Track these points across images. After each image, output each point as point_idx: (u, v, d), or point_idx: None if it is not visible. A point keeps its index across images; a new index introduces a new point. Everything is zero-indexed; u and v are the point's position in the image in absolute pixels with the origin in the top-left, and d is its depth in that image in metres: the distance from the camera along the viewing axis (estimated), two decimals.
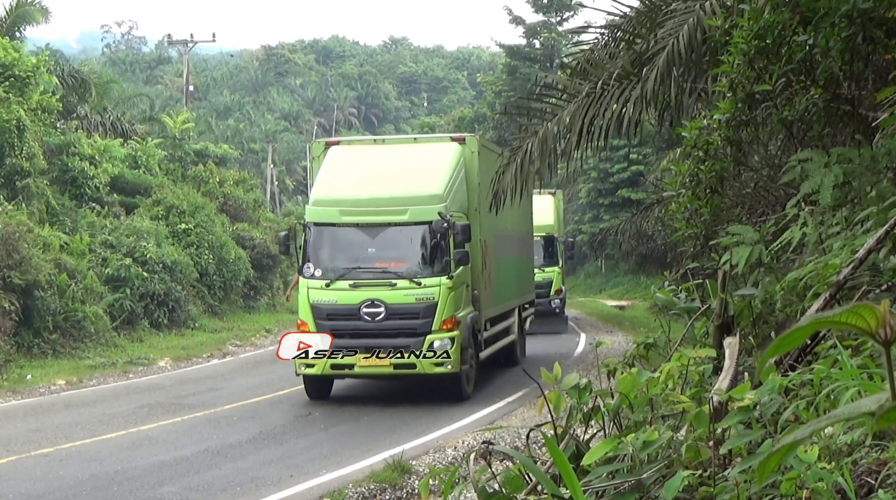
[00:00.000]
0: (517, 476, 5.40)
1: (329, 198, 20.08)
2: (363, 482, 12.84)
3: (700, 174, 10.77)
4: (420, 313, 19.27)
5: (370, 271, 19.70)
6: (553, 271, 35.41)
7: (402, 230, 19.76)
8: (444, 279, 19.38)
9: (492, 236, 22.43)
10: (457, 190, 20.46)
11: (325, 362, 19.28)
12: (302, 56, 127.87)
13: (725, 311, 6.97)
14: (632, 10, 14.34)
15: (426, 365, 19.15)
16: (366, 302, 19.24)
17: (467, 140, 21.74)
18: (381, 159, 21.36)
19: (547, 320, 34.23)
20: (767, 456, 1.98)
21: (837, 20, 8.57)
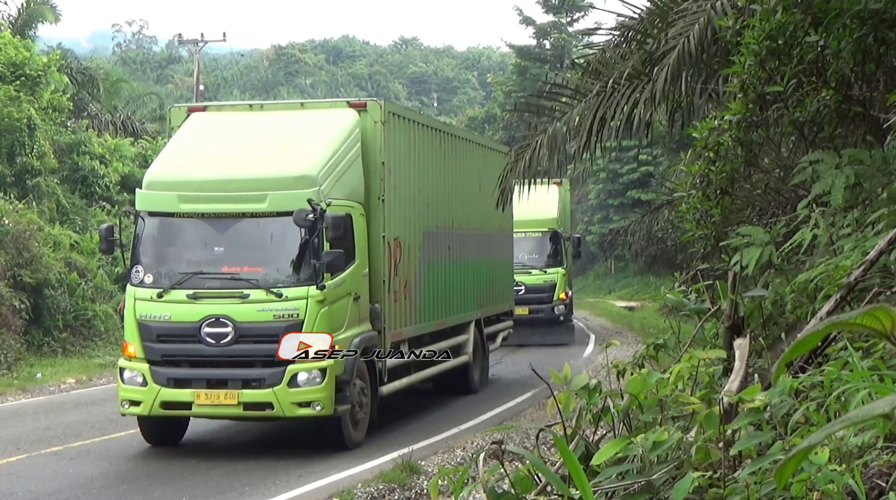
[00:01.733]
0: (526, 477, 5.39)
1: (166, 179, 15.40)
2: (372, 482, 12.84)
3: (711, 175, 10.74)
4: (280, 334, 14.63)
5: (216, 277, 15.13)
6: (556, 273, 31.53)
7: (259, 223, 15.20)
8: (313, 290, 14.64)
9: (416, 234, 18.26)
10: (344, 171, 15.74)
11: (153, 398, 14.83)
12: (312, 56, 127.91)
13: (735, 312, 6.96)
14: (643, 10, 14.32)
15: (286, 405, 14.45)
16: (208, 319, 14.66)
17: (369, 106, 16.60)
18: (250, 130, 16.66)
19: (550, 330, 31.12)
20: (784, 461, 1.97)
21: (849, 21, 8.55)
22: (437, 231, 19.48)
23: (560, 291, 31.24)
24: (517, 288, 28.73)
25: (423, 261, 18.57)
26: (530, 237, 31.10)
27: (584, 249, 63.21)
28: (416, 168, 18.50)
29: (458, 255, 20.66)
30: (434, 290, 19.09)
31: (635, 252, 34.75)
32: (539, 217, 30.16)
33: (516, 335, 28.11)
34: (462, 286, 20.82)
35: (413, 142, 18.38)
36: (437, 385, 20.39)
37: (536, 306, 30.55)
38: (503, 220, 23.79)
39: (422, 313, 18.52)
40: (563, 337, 31.22)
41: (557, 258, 31.75)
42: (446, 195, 20.23)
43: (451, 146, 20.89)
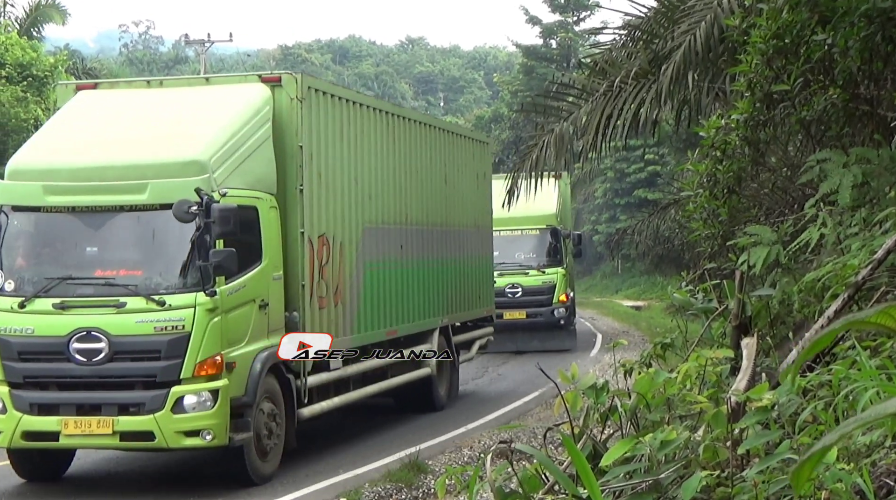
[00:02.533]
0: (534, 476, 5.40)
1: (32, 168, 13.07)
2: (379, 481, 12.84)
3: (718, 174, 10.74)
4: (162, 350, 12.38)
5: (87, 283, 12.83)
6: (556, 273, 29.16)
7: (139, 218, 12.89)
8: (202, 297, 12.43)
9: (352, 230, 15.78)
10: (247, 155, 13.49)
11: (13, 427, 12.51)
12: (319, 56, 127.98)
13: (743, 311, 6.95)
14: (649, 9, 14.33)
15: (170, 434, 12.23)
16: (78, 333, 12.37)
17: (284, 81, 14.29)
18: (142, 110, 14.30)
19: (550, 334, 28.87)
20: (800, 463, 1.97)
21: (856, 20, 8.55)
22: (384, 227, 17.02)
23: (560, 292, 28.98)
24: (513, 290, 28.25)
25: (363, 261, 16.05)
26: (527, 235, 29.45)
27: (592, 249, 63.37)
28: (352, 154, 15.95)
29: (416, 254, 18.29)
30: (379, 294, 16.62)
31: (642, 252, 34.50)
32: (536, 213, 27.51)
33: (513, 341, 27.66)
34: (421, 290, 18.35)
35: (347, 123, 15.83)
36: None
37: (534, 309, 28.65)
38: (480, 215, 22.01)
39: (361, 322, 15.95)
40: (564, 342, 28.91)
41: (557, 257, 29.45)
42: (398, 187, 17.70)
43: (405, 131, 18.22)
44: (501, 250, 27.04)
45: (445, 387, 19.43)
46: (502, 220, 26.29)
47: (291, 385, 13.84)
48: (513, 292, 28.34)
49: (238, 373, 12.69)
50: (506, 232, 27.76)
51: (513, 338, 27.84)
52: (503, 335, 26.62)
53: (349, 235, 15.70)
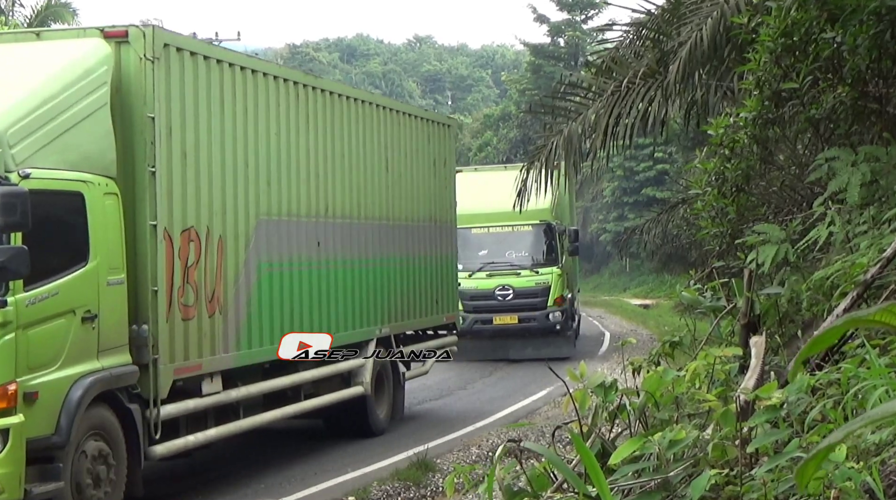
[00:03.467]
0: (543, 474, 5.40)
1: None
2: (387, 480, 12.86)
3: (726, 173, 10.73)
4: None
5: None
6: (551, 273, 26.76)
7: None
8: None
9: (239, 223, 13.19)
10: (68, 127, 10.91)
11: None
12: (326, 54, 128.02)
13: (752, 310, 6.95)
14: (657, 7, 14.31)
15: None
16: None
17: (132, 36, 11.63)
18: None
19: (545, 341, 26.32)
20: (806, 461, 1.97)
21: (865, 17, 8.53)
22: (292, 220, 14.28)
23: (555, 294, 26.60)
24: (504, 293, 26.40)
25: (257, 261, 13.42)
26: (519, 232, 26.92)
27: (600, 247, 63.33)
28: (240, 131, 13.32)
29: (342, 253, 15.57)
30: (282, 302, 13.93)
31: (650, 250, 34.31)
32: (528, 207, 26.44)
33: (504, 349, 26.46)
34: (348, 295, 15.63)
35: (232, 93, 13.20)
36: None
37: (527, 313, 26.28)
38: (440, 208, 19.35)
39: (252, 336, 13.31)
40: (560, 349, 25.99)
41: (552, 256, 27.04)
42: (314, 172, 14.93)
43: (325, 107, 15.43)
44: (490, 249, 26.62)
45: (386, 407, 16.88)
46: (491, 215, 25.90)
47: (135, 418, 11.11)
48: (503, 294, 26.46)
49: (43, 406, 9.98)
50: (495, 229, 26.77)
51: (504, 345, 26.64)
52: (494, 342, 26.38)
53: (234, 230, 13.03)
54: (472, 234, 25.96)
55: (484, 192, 26.00)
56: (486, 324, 26.41)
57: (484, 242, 26.73)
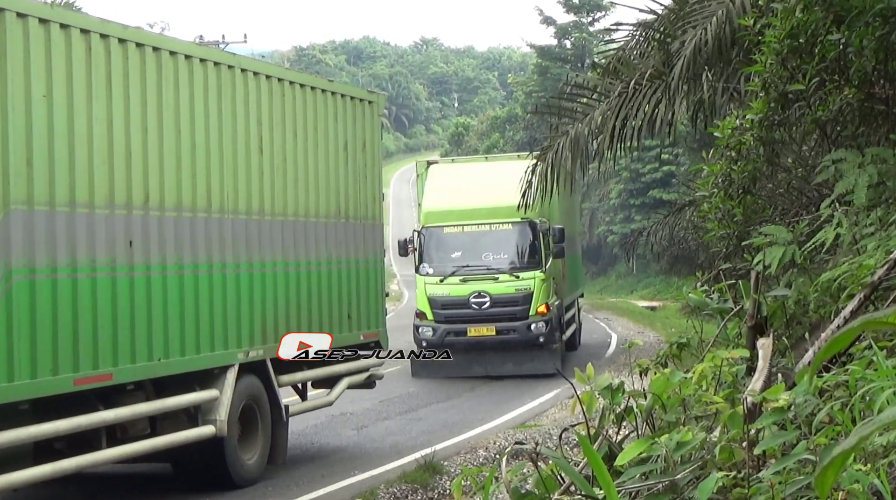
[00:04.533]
0: (550, 477, 5.39)
1: None
2: (395, 482, 12.87)
3: (733, 174, 10.73)
4: None
5: None
6: (533, 278, 23.42)
7: None
8: None
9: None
10: None
11: None
12: (333, 57, 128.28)
13: (758, 312, 6.94)
14: (664, 8, 14.31)
15: None
16: None
17: None
18: None
19: (527, 355, 23.43)
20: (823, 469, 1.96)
21: (871, 19, 8.53)
22: (76, 212, 10.99)
23: (539, 302, 23.33)
24: (479, 301, 23.26)
25: (5, 264, 10.14)
26: (497, 231, 23.73)
27: (607, 249, 63.25)
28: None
29: (176, 254, 12.36)
30: (54, 319, 10.62)
31: (657, 252, 34.30)
32: (509, 203, 20.31)
33: (481, 364, 23.35)
34: (186, 309, 12.45)
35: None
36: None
37: (506, 323, 23.17)
38: (356, 202, 15.90)
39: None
40: (545, 365, 22.83)
41: (535, 258, 23.66)
42: (121, 150, 11.61)
43: (139, 66, 11.95)
44: (465, 250, 23.68)
45: (257, 451, 13.65)
46: (466, 212, 23.67)
47: None
48: (479, 302, 23.30)
49: None
50: (471, 227, 23.74)
51: (480, 360, 23.50)
52: (469, 356, 23.14)
53: None
54: (444, 233, 23.76)
55: (461, 186, 24.64)
56: (460, 336, 23.34)
57: (457, 243, 23.92)
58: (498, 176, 23.64)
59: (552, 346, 23.66)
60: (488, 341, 23.30)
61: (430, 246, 23.94)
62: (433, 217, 23.77)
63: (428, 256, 23.85)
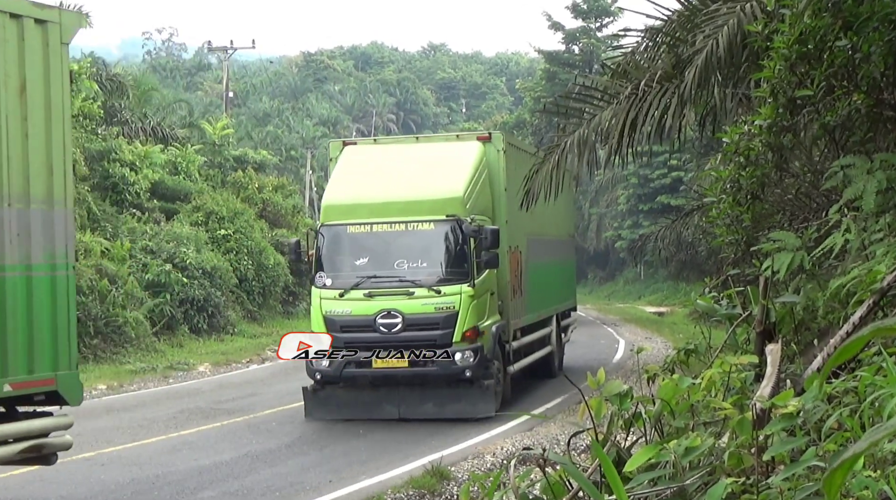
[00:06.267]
0: (558, 482, 5.39)
1: None
2: (402, 487, 12.86)
3: (741, 180, 10.72)
4: None
5: None
6: (458, 294, 18.06)
7: None
8: None
9: None
10: None
11: None
12: (341, 62, 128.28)
13: (767, 317, 6.93)
14: (672, 13, 14.31)
15: None
16: None
17: None
18: None
19: (452, 394, 18.36)
20: (831, 472, 1.96)
21: (880, 24, 8.52)
22: None
23: (466, 325, 18.04)
24: (389, 322, 17.93)
25: None
26: (414, 232, 18.51)
27: (615, 255, 63.12)
28: None
29: None
30: None
31: (665, 258, 34.27)
32: (429, 196, 18.24)
33: (392, 403, 18.42)
34: None
35: None
36: None
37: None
38: (16, 176, 10.91)
39: None
40: (474, 407, 18.13)
41: (463, 267, 18.32)
42: None
43: None
44: (373, 256, 18.51)
45: None
46: (378, 206, 18.62)
47: None
48: (388, 324, 17.94)
49: None
50: (381, 226, 18.48)
51: (392, 398, 18.42)
52: (378, 394, 18.45)
53: None
54: (347, 234, 18.57)
55: (375, 173, 19.54)
56: (363, 367, 18.06)
57: (364, 246, 18.65)
58: (425, 161, 19.63)
59: (484, 382, 18.25)
60: (399, 374, 18.10)
61: (329, 250, 18.63)
62: (334, 212, 18.74)
63: (326, 263, 18.53)
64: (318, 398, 18.61)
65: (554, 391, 20.90)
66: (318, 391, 18.58)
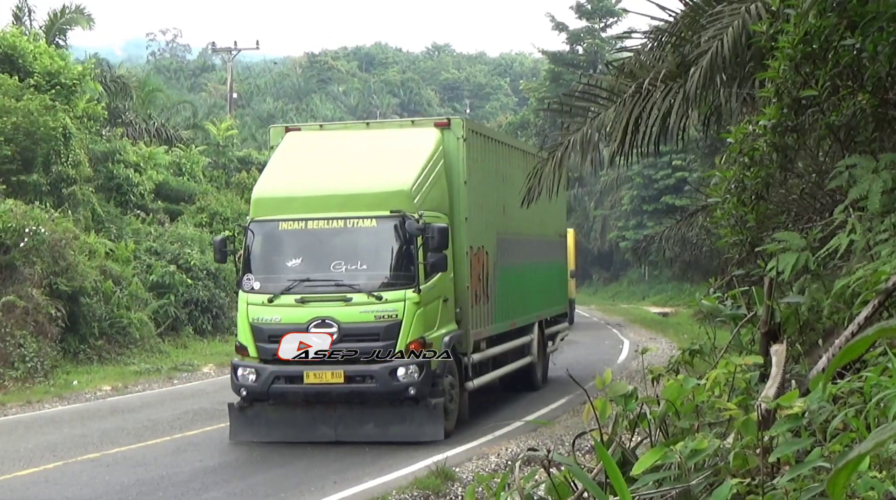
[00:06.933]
0: (563, 483, 5.38)
1: None
2: (407, 488, 12.85)
3: (745, 180, 10.70)
4: None
5: None
6: (402, 301, 15.93)
7: None
8: None
9: None
10: None
11: None
12: (345, 63, 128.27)
13: (772, 318, 6.93)
14: (676, 13, 14.30)
15: None
16: None
17: None
18: None
19: (395, 414, 16.23)
20: (837, 470, 1.95)
21: (885, 24, 8.51)
22: None
23: (410, 335, 15.91)
24: (324, 330, 15.81)
25: None
26: (352, 229, 16.32)
27: (619, 255, 63.07)
28: None
29: None
30: None
31: (669, 258, 34.24)
32: (372, 188, 16.39)
33: (328, 423, 16.32)
34: None
35: None
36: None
37: (360, 367, 15.79)
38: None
39: None
40: (421, 429, 16.13)
41: (410, 270, 16.13)
42: None
43: None
44: (308, 257, 16.46)
45: None
46: (312, 200, 16.51)
47: None
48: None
49: None
50: (317, 223, 16.37)
51: (328, 418, 16.35)
52: (312, 412, 16.37)
53: None
54: (278, 231, 16.57)
55: (314, 163, 17.55)
56: (294, 383, 16.05)
57: (297, 246, 16.59)
58: (372, 150, 17.49)
59: (432, 401, 16.07)
60: (335, 391, 15.98)
61: (258, 249, 16.69)
62: (265, 207, 16.71)
63: (254, 263, 16.62)
64: (246, 417, 16.50)
65: (558, 392, 20.87)
66: (246, 409, 16.46)
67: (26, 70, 32.17)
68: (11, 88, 30.33)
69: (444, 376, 16.48)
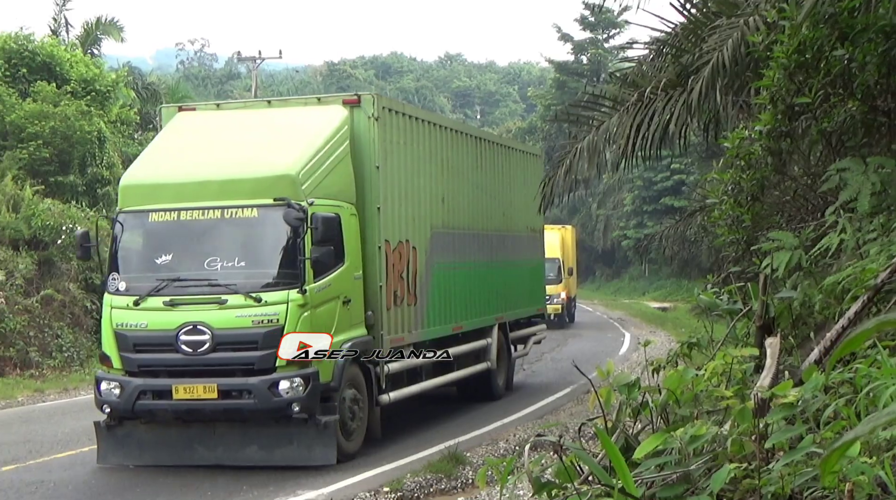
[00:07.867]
0: (569, 467, 5.39)
1: None
2: (420, 472, 12.85)
3: (742, 183, 10.71)
4: None
5: None
6: (284, 303, 13.05)
7: None
8: None
9: None
10: None
11: None
12: (362, 71, 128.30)
13: (766, 312, 6.92)
14: (677, 25, 14.29)
15: None
16: None
17: None
18: None
19: (281, 434, 13.38)
20: (829, 453, 1.96)
21: (874, 36, 8.50)
22: None
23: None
24: (193, 339, 13.06)
25: None
26: (231, 220, 13.46)
27: (621, 253, 63.11)
28: None
29: None
30: None
31: (669, 256, 34.22)
32: (251, 174, 13.61)
33: (206, 445, 13.56)
34: None
35: None
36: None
37: (236, 380, 13.11)
38: None
39: None
40: (310, 452, 13.33)
41: (296, 266, 13.25)
42: None
43: None
44: (179, 252, 13.69)
45: None
46: (185, 188, 13.70)
47: None
48: (193, 341, 13.11)
49: None
50: (191, 213, 13.56)
51: (205, 439, 13.63)
52: (189, 432, 13.66)
53: None
54: (148, 223, 13.83)
55: (195, 145, 14.68)
56: (163, 398, 13.27)
57: (167, 240, 13.78)
58: (266, 131, 14.61)
59: (322, 419, 13.20)
60: (208, 407, 13.21)
61: (125, 244, 14.07)
62: (133, 195, 13.96)
63: (120, 261, 14.01)
64: (115, 437, 13.71)
65: (563, 381, 20.85)
66: (114, 428, 13.69)
67: (63, 78, 32.26)
68: (50, 95, 30.43)
69: (340, 389, 13.58)
